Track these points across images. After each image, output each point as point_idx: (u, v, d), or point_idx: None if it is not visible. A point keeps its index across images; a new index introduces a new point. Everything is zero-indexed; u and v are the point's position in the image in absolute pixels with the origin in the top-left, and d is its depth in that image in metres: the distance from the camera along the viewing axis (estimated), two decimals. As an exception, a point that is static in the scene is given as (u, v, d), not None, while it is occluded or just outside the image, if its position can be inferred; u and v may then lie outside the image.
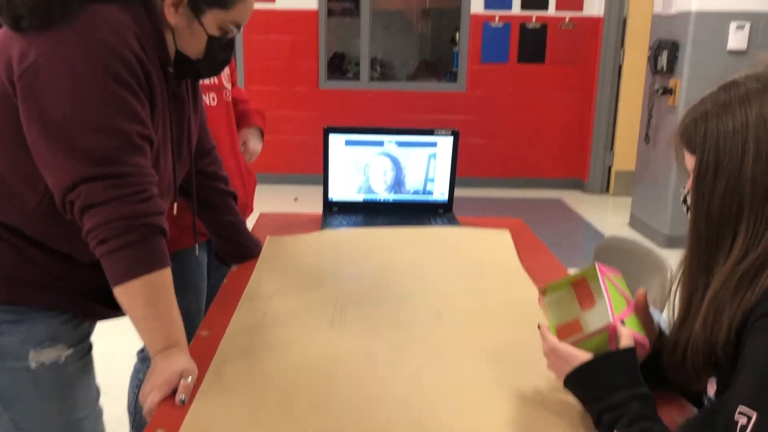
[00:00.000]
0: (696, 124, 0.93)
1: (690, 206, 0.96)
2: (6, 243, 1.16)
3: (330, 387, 1.12)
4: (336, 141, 2.05)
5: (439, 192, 2.13)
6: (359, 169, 2.09)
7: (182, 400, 1.05)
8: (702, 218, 0.92)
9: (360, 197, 2.12)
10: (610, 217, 5.39)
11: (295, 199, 5.37)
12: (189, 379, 1.08)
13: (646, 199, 4.79)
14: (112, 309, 1.22)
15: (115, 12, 1.11)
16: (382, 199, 2.13)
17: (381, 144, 2.06)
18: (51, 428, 1.25)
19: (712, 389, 0.99)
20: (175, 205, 1.38)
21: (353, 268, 1.69)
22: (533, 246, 1.91)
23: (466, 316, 1.42)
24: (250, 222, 1.93)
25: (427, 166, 2.10)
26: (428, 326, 1.36)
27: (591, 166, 6.02)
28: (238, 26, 1.25)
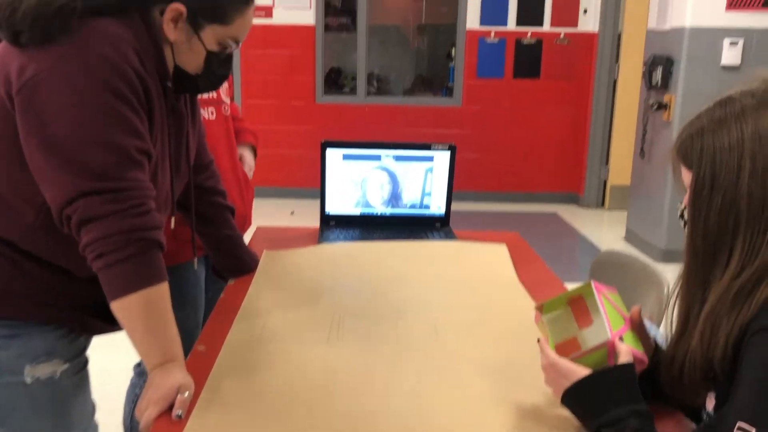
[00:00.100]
0: (692, 139, 0.94)
1: (687, 221, 0.96)
2: (2, 257, 1.16)
3: (327, 401, 1.12)
4: (333, 155, 2.05)
5: (436, 206, 2.14)
6: (356, 183, 2.09)
7: (179, 416, 1.05)
8: (699, 233, 0.93)
9: (357, 211, 2.13)
10: (606, 232, 5.40)
11: (292, 213, 5.36)
12: (186, 394, 1.08)
13: (642, 214, 4.81)
14: (109, 323, 1.22)
15: (114, 27, 1.11)
16: (379, 213, 2.13)
17: (378, 158, 2.07)
18: (46, 444, 1.24)
19: (710, 404, 0.99)
20: (173, 219, 1.38)
21: (350, 282, 1.69)
22: (530, 260, 1.92)
23: (463, 331, 1.42)
24: (248, 236, 1.93)
25: (424, 180, 2.10)
26: (425, 340, 1.36)
27: (586, 181, 6.04)
28: (237, 42, 1.26)
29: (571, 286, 1.23)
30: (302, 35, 5.78)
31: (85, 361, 1.31)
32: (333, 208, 2.12)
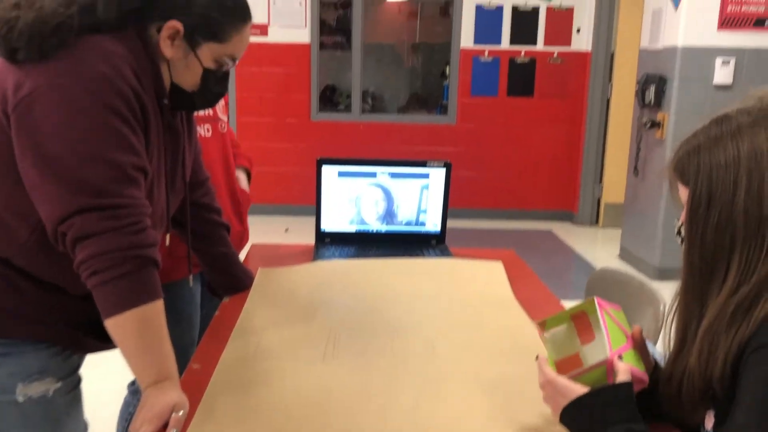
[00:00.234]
0: (689, 156, 0.94)
1: (684, 238, 0.97)
2: (-4, 274, 1.15)
3: (323, 420, 1.11)
4: (329, 172, 2.05)
5: (432, 223, 2.14)
6: (351, 201, 2.09)
7: (173, 435, 1.04)
8: (696, 250, 0.93)
9: (352, 228, 2.12)
10: (600, 249, 5.41)
11: (286, 230, 5.35)
12: (180, 412, 1.07)
13: (636, 232, 4.82)
14: (103, 341, 1.20)
15: (111, 44, 1.12)
16: (375, 230, 2.13)
17: (374, 175, 2.07)
18: (38, 463, 1.22)
19: (709, 422, 0.99)
20: (168, 236, 1.37)
21: (346, 299, 1.68)
22: (526, 277, 1.91)
23: (459, 348, 1.41)
24: (244, 252, 1.92)
25: (419, 198, 2.10)
26: (422, 358, 1.35)
27: (581, 198, 6.06)
28: (234, 59, 1.26)
29: (566, 304, 1.23)
30: (297, 53, 5.81)
31: (78, 380, 1.30)
32: (328, 225, 2.11)
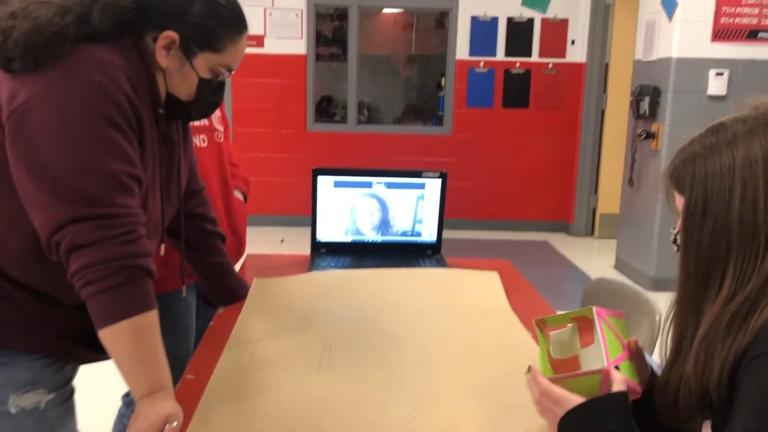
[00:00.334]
0: (685, 165, 0.95)
1: (680, 246, 0.97)
2: (-11, 285, 1.14)
3: (318, 431, 1.10)
4: (324, 182, 2.05)
5: (428, 233, 2.13)
6: (347, 211, 2.09)
7: (167, 446, 1.03)
8: (691, 257, 0.93)
9: (348, 238, 2.12)
10: (596, 260, 5.42)
11: (281, 241, 5.35)
12: (174, 423, 1.06)
13: (631, 242, 4.82)
14: (97, 352, 1.20)
15: (106, 53, 1.11)
16: (371, 240, 2.13)
17: (369, 185, 2.07)
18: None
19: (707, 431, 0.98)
20: (163, 246, 1.37)
21: (341, 309, 1.67)
22: (522, 288, 1.91)
23: (456, 358, 1.40)
24: (239, 264, 1.91)
25: (415, 208, 2.10)
26: (418, 369, 1.35)
27: (576, 209, 6.07)
28: (230, 69, 1.26)
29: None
30: (294, 64, 5.83)
31: (72, 391, 1.29)
32: (324, 236, 2.11)
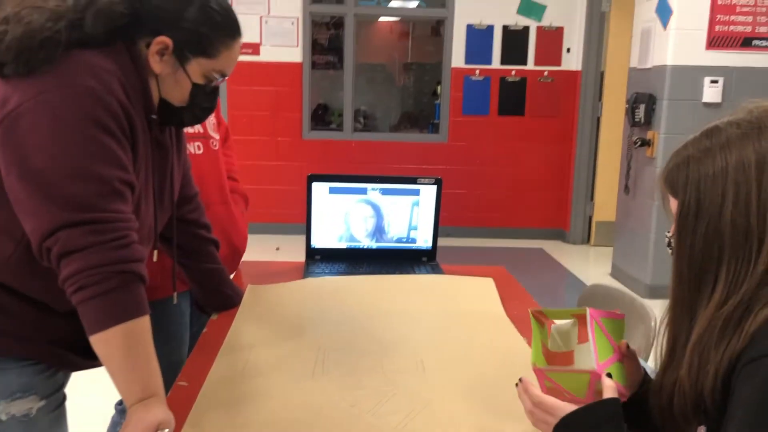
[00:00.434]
0: (679, 168, 0.95)
1: (673, 248, 0.96)
2: (-21, 291, 1.13)
3: (312, 438, 1.10)
4: (319, 189, 2.05)
5: (423, 240, 2.13)
6: (341, 217, 2.09)
7: (159, 453, 1.02)
8: (684, 260, 0.93)
9: (343, 245, 2.11)
10: (592, 267, 5.42)
11: (277, 249, 5.33)
12: (166, 431, 1.05)
13: (627, 250, 4.83)
14: (89, 359, 1.19)
15: (99, 59, 1.11)
16: (365, 247, 2.12)
17: (364, 192, 2.07)
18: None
19: (701, 437, 0.98)
20: (155, 252, 1.36)
21: (335, 316, 1.67)
22: (517, 294, 1.91)
23: (450, 365, 1.40)
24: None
25: (410, 214, 2.10)
26: (412, 375, 1.34)
27: (572, 217, 6.08)
28: (223, 75, 1.26)
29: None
30: (289, 72, 5.83)
31: (63, 398, 1.28)
32: (319, 242, 2.10)
